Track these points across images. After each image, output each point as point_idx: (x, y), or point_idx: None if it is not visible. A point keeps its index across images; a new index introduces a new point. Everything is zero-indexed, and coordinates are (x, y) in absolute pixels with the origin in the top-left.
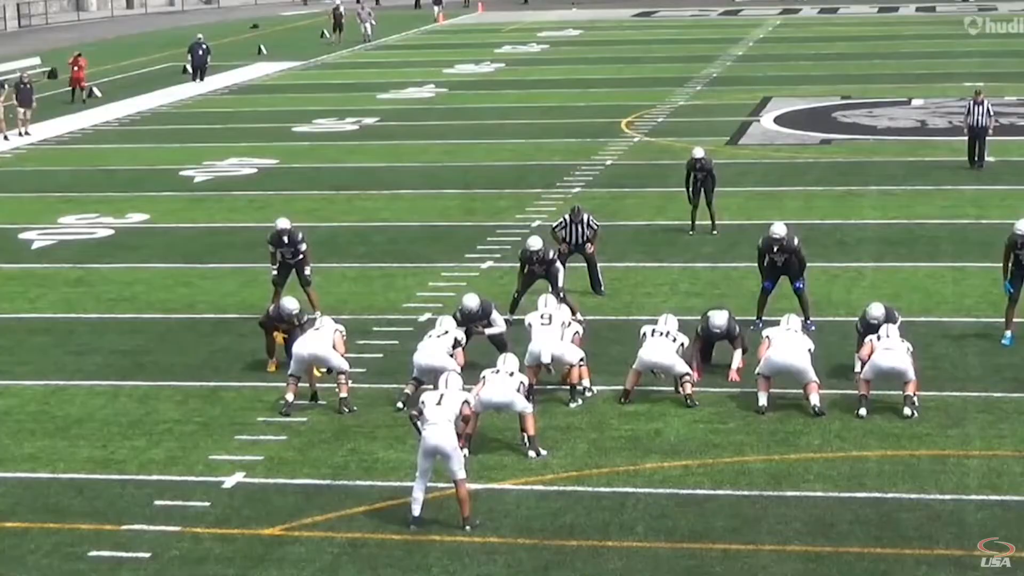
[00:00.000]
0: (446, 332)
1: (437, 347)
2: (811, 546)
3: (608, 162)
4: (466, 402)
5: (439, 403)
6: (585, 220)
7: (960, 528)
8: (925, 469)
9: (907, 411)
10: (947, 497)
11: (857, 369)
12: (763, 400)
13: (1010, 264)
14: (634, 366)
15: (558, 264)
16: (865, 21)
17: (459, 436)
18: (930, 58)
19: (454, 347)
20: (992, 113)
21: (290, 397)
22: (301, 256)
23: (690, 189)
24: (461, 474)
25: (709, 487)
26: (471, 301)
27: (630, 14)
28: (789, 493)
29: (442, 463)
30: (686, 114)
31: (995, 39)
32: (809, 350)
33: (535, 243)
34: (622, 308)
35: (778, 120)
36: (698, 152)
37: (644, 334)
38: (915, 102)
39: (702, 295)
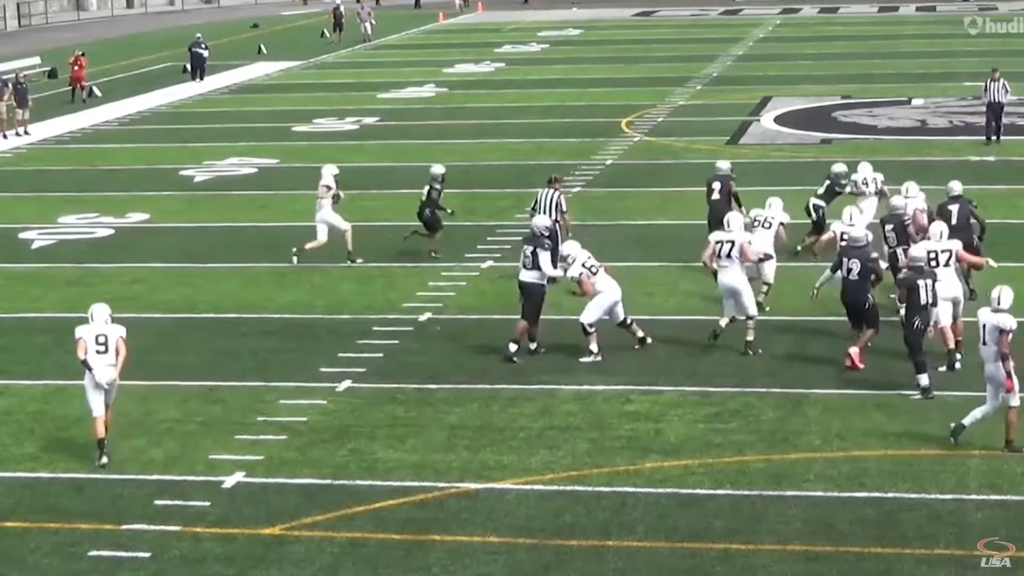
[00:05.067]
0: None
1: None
2: (811, 546)
3: (608, 162)
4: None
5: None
6: (553, 198)
7: (960, 528)
8: (925, 469)
9: None
10: (947, 497)
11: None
12: None
13: None
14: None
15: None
16: (865, 21)
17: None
18: (930, 57)
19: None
20: (1008, 89)
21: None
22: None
23: None
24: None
25: (709, 487)
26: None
27: (630, 14)
28: (789, 493)
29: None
30: (686, 114)
31: (995, 39)
32: None
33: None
34: None
35: (778, 120)
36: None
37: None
38: (915, 101)
39: (702, 295)
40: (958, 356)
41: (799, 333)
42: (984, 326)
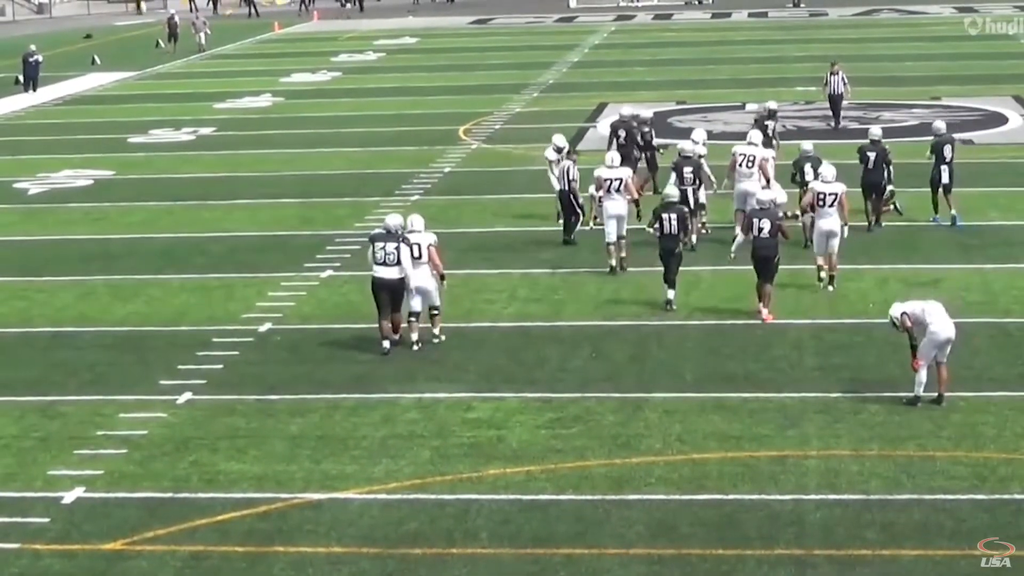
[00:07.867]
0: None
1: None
2: (654, 548)
3: (446, 169)
4: None
5: None
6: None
7: (800, 528)
8: (764, 470)
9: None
10: (786, 497)
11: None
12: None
13: None
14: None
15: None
16: (699, 27)
17: None
18: (763, 63)
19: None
20: (847, 82)
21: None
22: None
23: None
24: None
25: (552, 492)
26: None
27: (466, 22)
28: (631, 496)
29: None
30: (523, 120)
31: (826, 44)
32: None
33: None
34: (462, 315)
35: None
36: (940, 125)
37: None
38: (749, 107)
39: (541, 301)
40: (833, 286)
41: (638, 337)
42: None
